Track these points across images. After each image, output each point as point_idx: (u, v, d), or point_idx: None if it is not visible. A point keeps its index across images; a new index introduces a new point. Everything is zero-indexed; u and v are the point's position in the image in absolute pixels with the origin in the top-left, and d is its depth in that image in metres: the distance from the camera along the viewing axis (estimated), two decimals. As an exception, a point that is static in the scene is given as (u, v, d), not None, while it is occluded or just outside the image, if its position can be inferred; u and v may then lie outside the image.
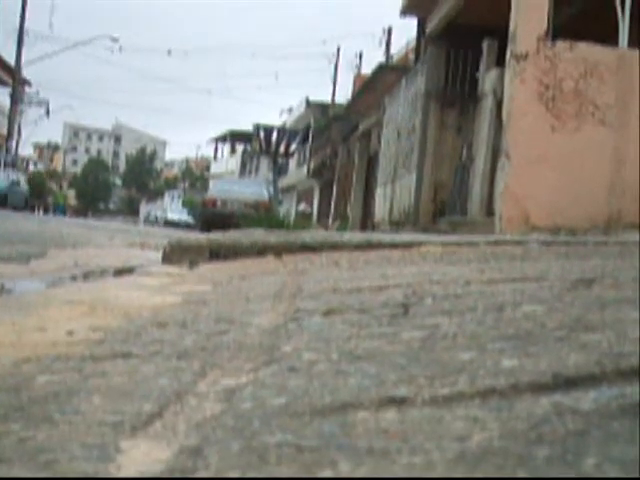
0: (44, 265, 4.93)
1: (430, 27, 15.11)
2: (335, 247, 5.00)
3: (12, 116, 39.61)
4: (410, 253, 4.58)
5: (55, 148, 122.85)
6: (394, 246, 4.94)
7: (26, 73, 41.62)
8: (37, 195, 40.33)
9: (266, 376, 1.38)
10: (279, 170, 44.79)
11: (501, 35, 10.83)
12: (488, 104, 12.35)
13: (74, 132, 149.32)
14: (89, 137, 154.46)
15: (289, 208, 40.09)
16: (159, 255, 5.54)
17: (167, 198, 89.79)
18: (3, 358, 1.65)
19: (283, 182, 45.62)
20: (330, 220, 29.33)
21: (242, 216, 19.43)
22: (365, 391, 1.21)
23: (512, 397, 1.12)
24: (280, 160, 44.59)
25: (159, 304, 2.72)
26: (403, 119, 16.34)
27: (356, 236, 6.34)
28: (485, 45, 12.87)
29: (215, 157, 72.51)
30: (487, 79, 12.58)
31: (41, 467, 0.95)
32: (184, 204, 68.89)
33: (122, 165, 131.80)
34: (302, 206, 40.66)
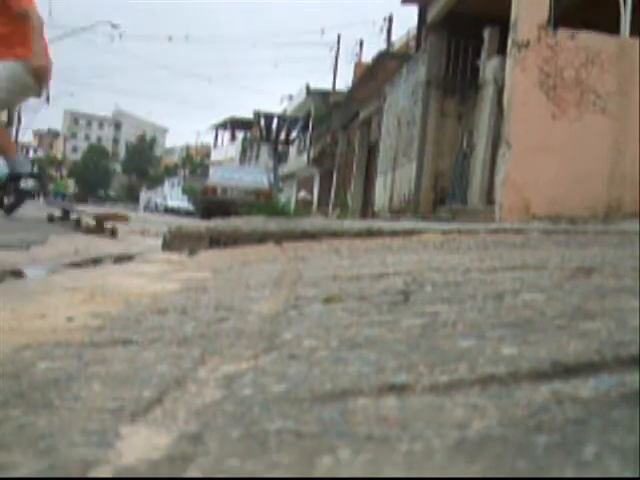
0: (44, 252, 4.92)
1: (431, 15, 15.05)
2: (335, 235, 5.00)
3: (12, 103, 39.46)
4: (410, 241, 4.58)
5: (55, 135, 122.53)
6: (394, 234, 4.94)
7: (26, 60, 41.44)
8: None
9: (266, 363, 1.38)
10: (279, 158, 44.69)
11: (502, 23, 10.79)
12: (489, 92, 12.32)
13: (74, 119, 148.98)
14: (89, 124, 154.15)
15: (289, 196, 40.07)
16: (159, 242, 5.54)
17: (167, 185, 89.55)
18: (3, 344, 1.65)
19: (283, 170, 45.57)
20: (330, 208, 29.30)
21: (242, 203, 19.43)
22: (365, 378, 1.21)
23: (512, 385, 1.12)
24: (280, 148, 44.48)
25: (159, 291, 2.72)
26: (404, 107, 16.30)
27: (356, 224, 6.33)
28: (486, 33, 12.82)
29: (215, 144, 72.43)
30: (488, 67, 12.55)
31: (41, 453, 0.95)
32: (184, 191, 68.79)
33: (122, 152, 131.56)
34: (302, 194, 40.62)
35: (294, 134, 43.21)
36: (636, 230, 5.06)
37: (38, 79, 7.99)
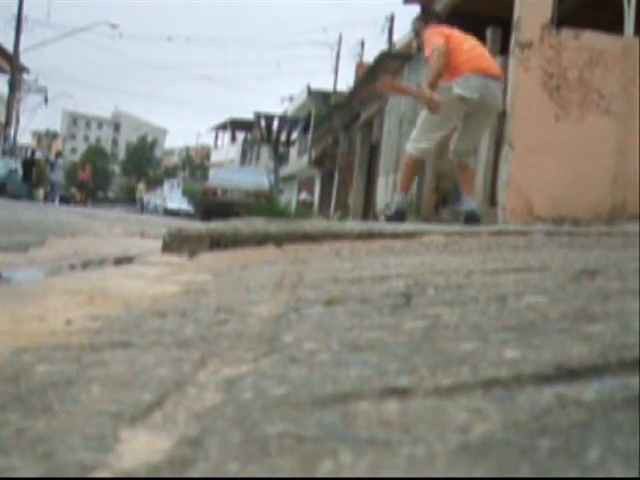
0: (43, 254, 4.92)
1: (433, 15, 15.02)
2: (336, 237, 4.99)
3: (10, 104, 39.45)
4: (412, 243, 4.57)
5: (54, 136, 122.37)
6: (396, 236, 4.93)
7: (24, 60, 41.33)
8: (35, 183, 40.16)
9: (267, 366, 1.37)
10: (280, 159, 44.68)
11: (505, 23, 10.78)
12: (491, 93, 12.27)
13: (73, 120, 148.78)
14: (88, 125, 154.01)
15: (290, 197, 40.03)
16: (159, 244, 5.52)
17: (167, 187, 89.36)
18: (1, 347, 1.64)
19: (284, 171, 45.57)
20: (331, 209, 29.30)
21: (242, 205, 19.41)
22: (366, 381, 1.20)
23: (515, 388, 1.11)
24: (281, 149, 44.46)
25: (159, 293, 2.71)
26: (405, 108, 16.30)
27: (357, 226, 6.32)
28: (488, 33, 12.80)
29: (215, 145, 72.45)
30: (490, 68, 12.51)
31: (39, 457, 0.94)
32: (184, 193, 68.71)
33: (121, 153, 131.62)
34: (303, 195, 40.62)
35: (295, 135, 43.20)
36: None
37: None
